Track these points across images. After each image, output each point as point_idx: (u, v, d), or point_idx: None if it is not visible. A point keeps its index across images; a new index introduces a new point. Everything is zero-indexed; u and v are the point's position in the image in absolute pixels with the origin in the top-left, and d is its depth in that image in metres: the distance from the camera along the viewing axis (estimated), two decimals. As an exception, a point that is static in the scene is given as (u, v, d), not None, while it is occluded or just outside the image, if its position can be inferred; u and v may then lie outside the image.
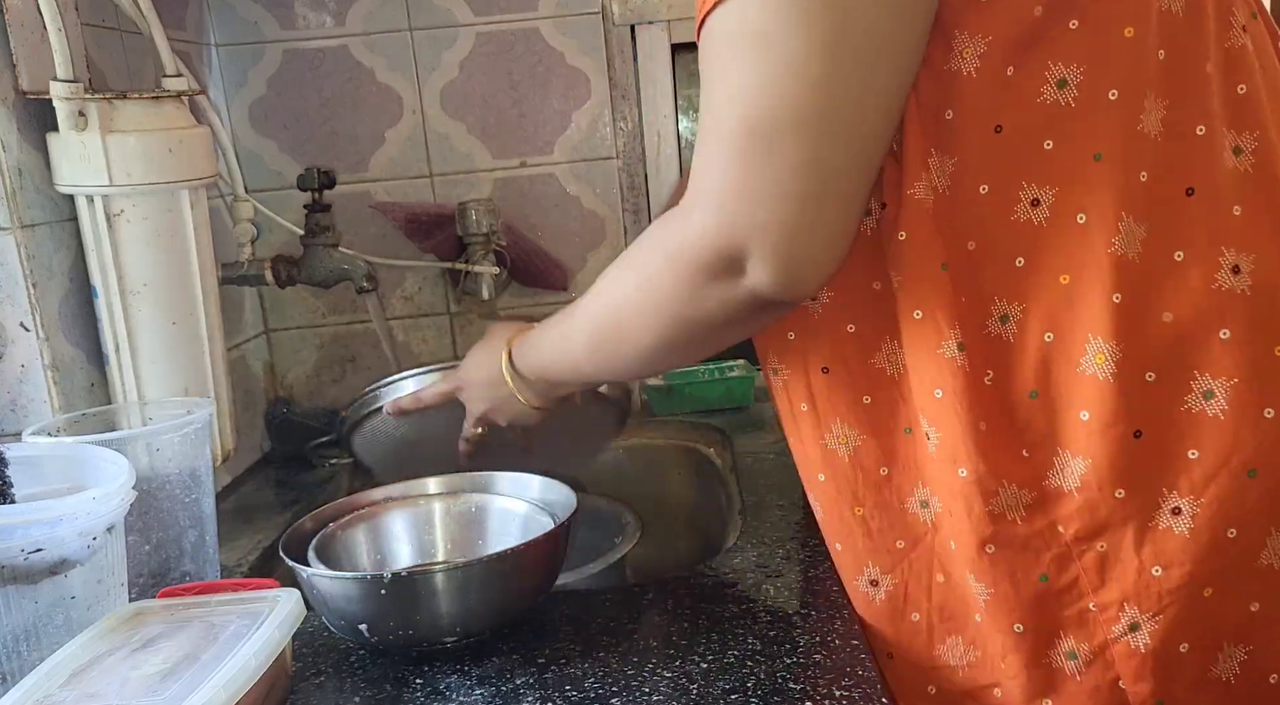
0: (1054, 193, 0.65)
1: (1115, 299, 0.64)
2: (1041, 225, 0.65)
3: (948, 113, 0.65)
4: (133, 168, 0.89)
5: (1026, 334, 0.66)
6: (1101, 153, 0.64)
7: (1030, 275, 0.66)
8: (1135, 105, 0.64)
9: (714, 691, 0.68)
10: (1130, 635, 0.68)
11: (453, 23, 1.32)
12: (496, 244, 1.32)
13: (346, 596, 0.76)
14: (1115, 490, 0.66)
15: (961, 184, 0.66)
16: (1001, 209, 0.66)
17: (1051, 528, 0.68)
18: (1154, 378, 0.65)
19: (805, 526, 0.95)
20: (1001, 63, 0.64)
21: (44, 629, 0.68)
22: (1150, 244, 0.64)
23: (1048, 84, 0.64)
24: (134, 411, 0.93)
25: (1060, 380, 0.66)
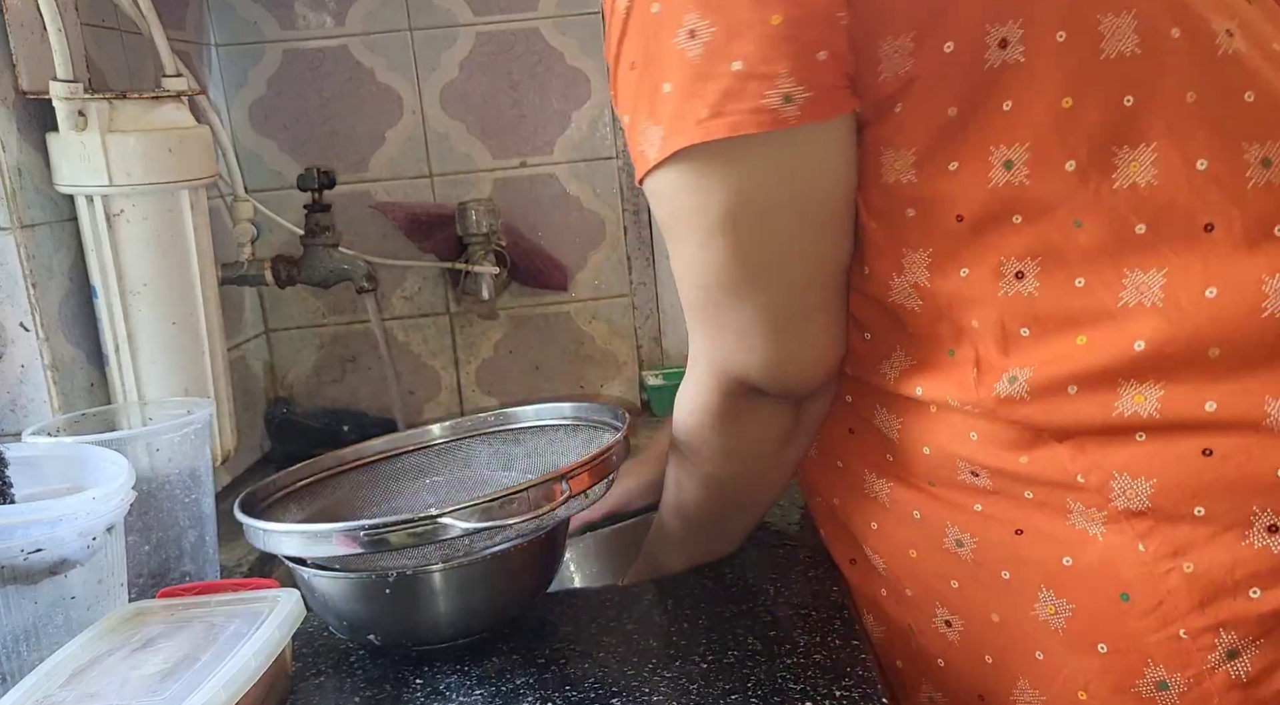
0: (1038, 263, 0.65)
1: (1138, 347, 0.63)
2: (1034, 295, 0.65)
3: (908, 211, 0.67)
4: (133, 168, 0.89)
5: (1048, 394, 0.65)
6: (1080, 220, 0.63)
7: (1038, 344, 0.65)
8: (1104, 167, 0.63)
9: (714, 691, 0.68)
10: (1229, 663, 0.63)
11: (453, 23, 1.32)
12: (496, 244, 1.32)
13: (346, 596, 0.76)
14: (1193, 508, 0.63)
15: (943, 274, 0.67)
16: (989, 289, 0.66)
17: (1130, 546, 0.65)
18: (1214, 407, 0.62)
19: (805, 526, 0.95)
20: (941, 162, 0.65)
21: (44, 629, 0.68)
22: (1172, 288, 0.62)
23: (994, 168, 0.64)
24: (134, 411, 0.93)
25: (1096, 431, 0.65)
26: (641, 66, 0.64)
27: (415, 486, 0.95)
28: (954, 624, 0.74)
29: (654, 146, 0.65)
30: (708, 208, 0.66)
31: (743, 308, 0.69)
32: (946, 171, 0.65)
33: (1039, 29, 0.62)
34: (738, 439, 0.78)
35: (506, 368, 1.41)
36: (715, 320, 0.71)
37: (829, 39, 0.62)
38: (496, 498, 0.71)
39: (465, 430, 0.97)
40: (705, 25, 0.61)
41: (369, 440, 0.96)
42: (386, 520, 0.71)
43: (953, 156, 0.65)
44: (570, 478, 0.74)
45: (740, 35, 0.61)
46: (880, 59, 0.64)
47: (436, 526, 0.70)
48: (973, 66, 0.63)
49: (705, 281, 0.69)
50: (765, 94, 0.61)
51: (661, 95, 0.63)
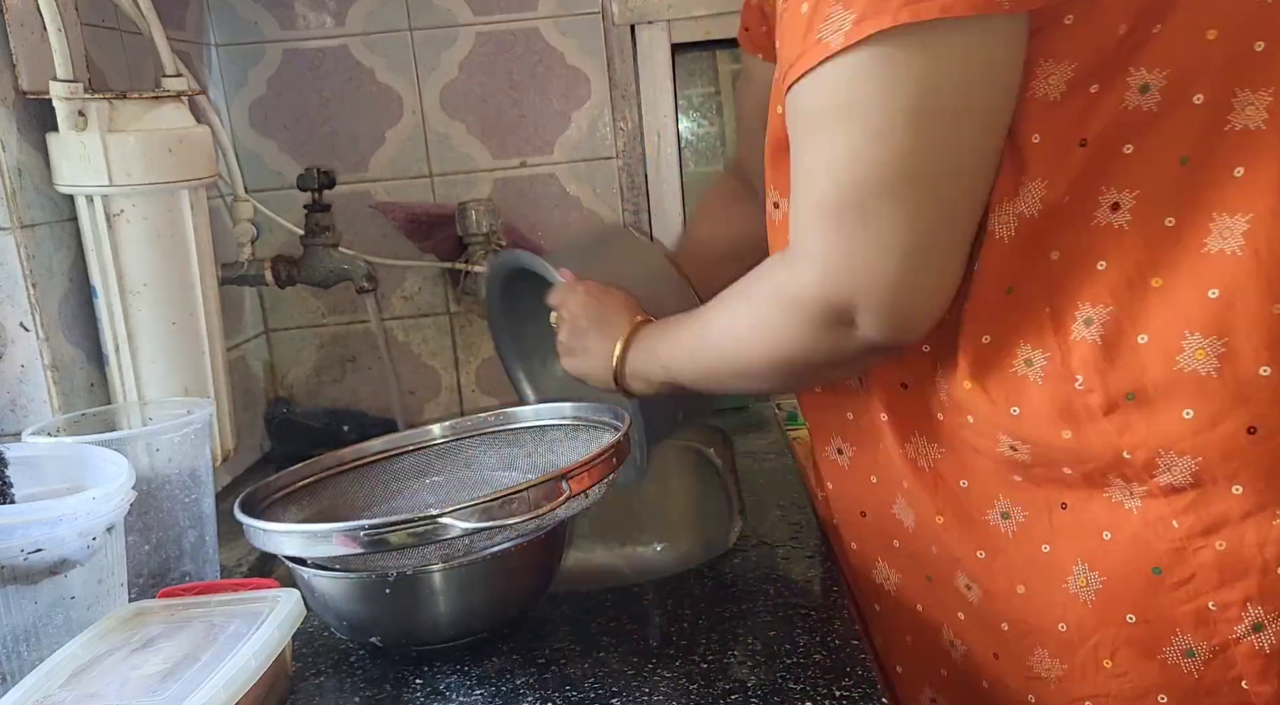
0: (1135, 196, 0.65)
1: (1212, 294, 0.63)
2: (1124, 228, 0.65)
3: (1035, 137, 0.66)
4: (133, 168, 0.89)
5: (1116, 336, 0.65)
6: (1188, 157, 0.64)
7: (1117, 277, 0.65)
8: (1224, 106, 0.63)
9: (714, 691, 0.68)
10: (1254, 636, 0.66)
11: (453, 23, 1.32)
12: (496, 244, 1.32)
13: (346, 596, 0.76)
14: (1231, 486, 0.65)
15: (1049, 203, 0.66)
16: (1083, 216, 0.66)
17: (1164, 522, 0.67)
18: (1269, 372, 0.63)
19: (805, 526, 0.95)
20: (1088, 82, 0.64)
21: (44, 629, 0.68)
22: (1252, 235, 0.62)
23: (1130, 90, 0.64)
24: (134, 411, 0.93)
25: (1157, 380, 0.65)
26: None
27: (415, 486, 0.95)
28: (973, 588, 0.76)
29: (841, 31, 0.60)
30: (892, 97, 0.61)
31: (893, 214, 0.63)
32: (1087, 93, 0.65)
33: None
34: (796, 348, 0.72)
35: (506, 368, 1.41)
36: (852, 226, 0.64)
37: None
38: (496, 498, 0.71)
39: (465, 430, 0.97)
40: None
41: (369, 440, 0.96)
42: (386, 520, 0.71)
43: (1097, 79, 0.64)
44: (570, 478, 0.74)
45: None
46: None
47: (436, 526, 0.70)
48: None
49: (861, 177, 0.63)
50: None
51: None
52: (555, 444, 0.94)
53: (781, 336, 0.72)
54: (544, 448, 0.95)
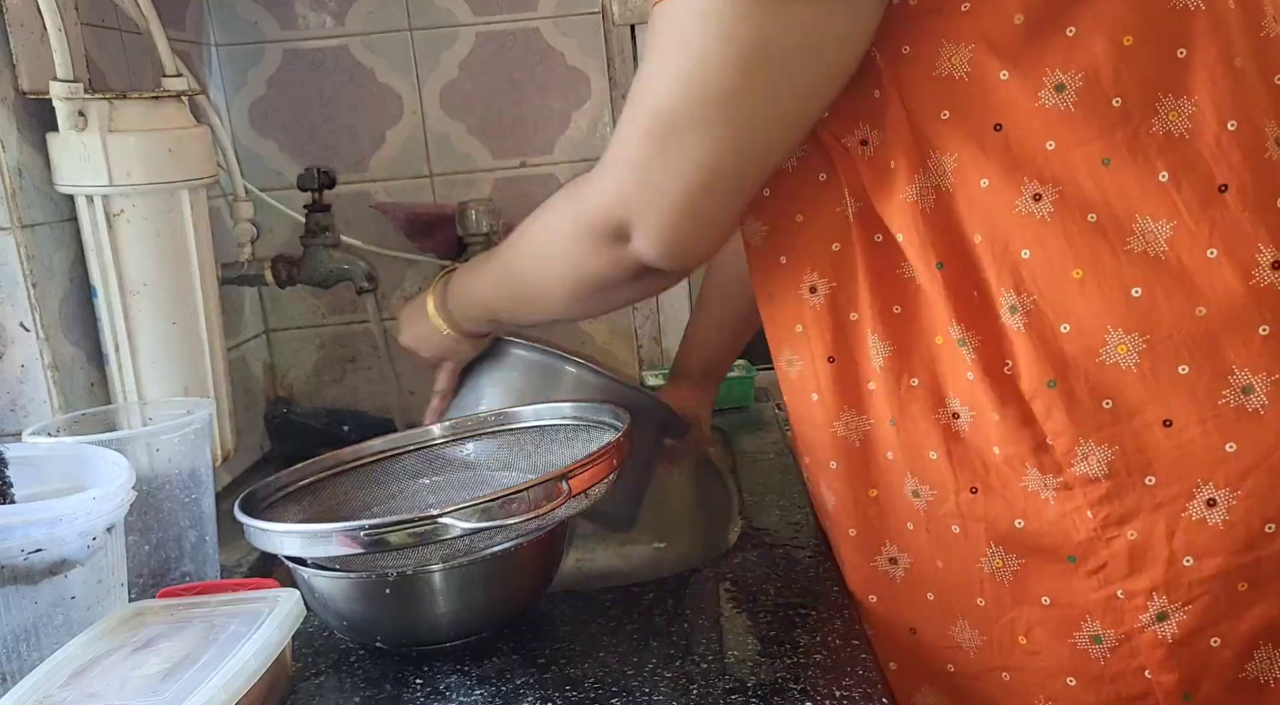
0: (1057, 191, 0.66)
1: (1134, 293, 0.65)
2: (1045, 219, 0.66)
3: (943, 113, 0.67)
4: (133, 168, 0.89)
5: (1040, 325, 0.67)
6: (1110, 158, 0.65)
7: (1039, 268, 0.67)
8: (1146, 110, 0.65)
9: (714, 691, 0.68)
10: (1158, 625, 0.68)
11: (453, 23, 1.32)
12: (497, 244, 1.32)
13: (346, 596, 0.76)
14: (1145, 478, 0.66)
15: (964, 180, 0.67)
16: (1004, 203, 0.67)
17: (1079, 512, 0.68)
18: (1186, 370, 0.65)
19: (805, 526, 0.95)
20: (995, 67, 0.66)
21: (44, 629, 0.68)
22: (1176, 242, 0.65)
23: (1044, 90, 0.65)
24: (134, 411, 0.93)
25: (1079, 370, 0.66)
26: None
27: (415, 486, 0.95)
28: (899, 562, 0.78)
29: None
30: (727, 42, 0.64)
31: (697, 143, 0.67)
32: (997, 78, 0.66)
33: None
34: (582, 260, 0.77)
35: (506, 368, 1.41)
36: (659, 143, 0.67)
37: None
38: (496, 498, 0.71)
39: (465, 430, 0.97)
40: None
41: (369, 440, 0.96)
42: (386, 520, 0.71)
43: (1007, 66, 0.66)
44: (570, 477, 0.74)
45: None
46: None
47: (436, 526, 0.70)
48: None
49: (680, 101, 0.66)
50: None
51: None
52: (555, 444, 0.94)
53: (572, 249, 0.77)
54: (544, 448, 0.95)
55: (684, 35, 0.65)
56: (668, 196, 0.69)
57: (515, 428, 0.96)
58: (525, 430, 0.96)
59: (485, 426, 0.97)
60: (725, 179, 0.69)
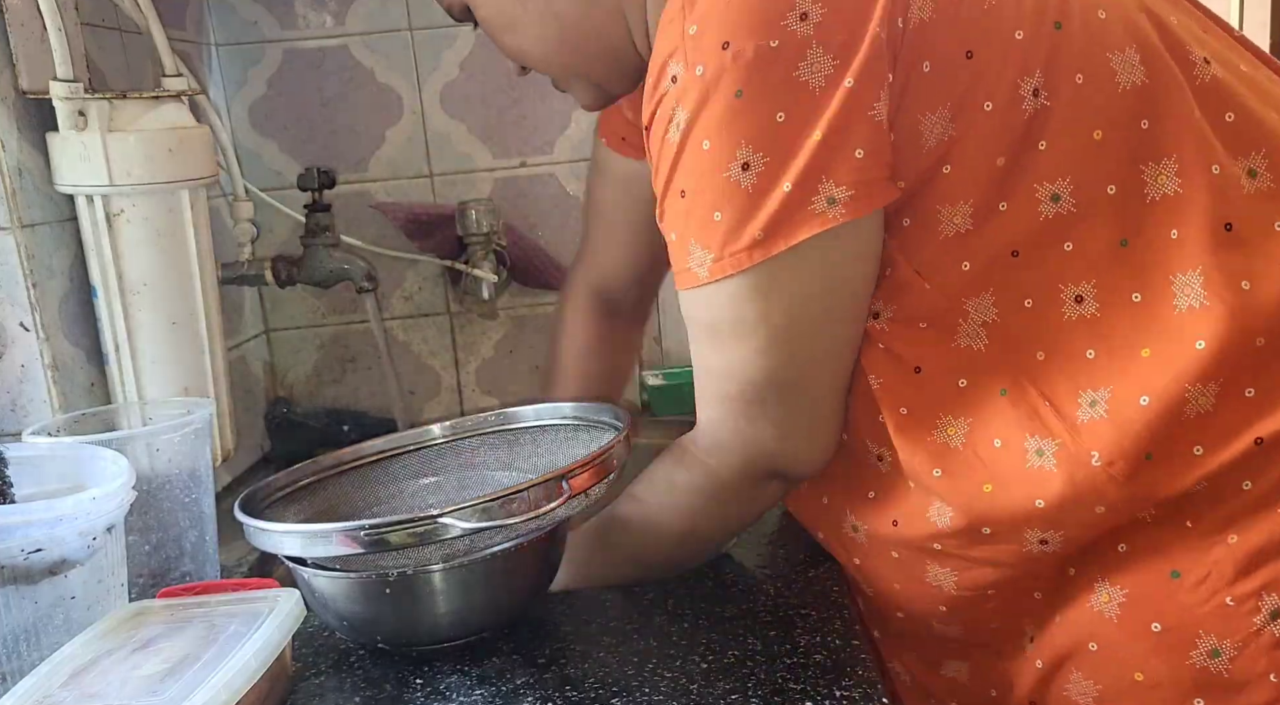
0: (1094, 284, 0.69)
1: (1199, 347, 0.66)
2: (1095, 316, 0.69)
3: (964, 265, 0.71)
4: (133, 167, 0.89)
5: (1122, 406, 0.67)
6: (1126, 239, 0.68)
7: (1103, 359, 0.68)
8: (1137, 185, 0.68)
9: (714, 691, 0.68)
10: (1273, 624, 0.67)
11: (453, 22, 1.32)
12: (496, 244, 1.32)
13: (346, 596, 0.76)
14: (1243, 483, 0.67)
15: (1004, 306, 0.70)
16: (1054, 313, 0.69)
17: (1179, 525, 0.69)
18: (1252, 393, 0.67)
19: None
20: (992, 205, 0.69)
21: (44, 629, 0.68)
22: (1209, 282, 0.67)
23: (1042, 203, 0.69)
24: (134, 411, 0.93)
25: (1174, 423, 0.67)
26: (692, 194, 0.69)
27: (415, 486, 0.95)
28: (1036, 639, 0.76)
29: (704, 268, 0.69)
30: (766, 317, 0.70)
31: (792, 403, 0.74)
32: (998, 212, 0.69)
33: (1059, 75, 0.68)
34: (739, 512, 0.83)
35: (506, 368, 1.41)
36: (759, 415, 0.74)
37: (866, 136, 0.66)
38: (496, 498, 0.71)
39: (465, 430, 0.97)
40: (759, 157, 0.66)
41: (369, 440, 0.96)
42: (387, 520, 0.71)
43: (1002, 198, 0.69)
44: (570, 477, 0.74)
45: (791, 158, 0.65)
46: (922, 132, 0.68)
47: (437, 526, 0.70)
48: (1011, 118, 0.68)
49: (757, 380, 0.73)
50: (811, 201, 0.66)
51: (713, 223, 0.68)
52: (555, 444, 0.94)
53: (728, 512, 0.83)
54: (544, 448, 0.95)
55: (727, 321, 0.71)
56: (791, 443, 0.76)
57: (515, 428, 0.96)
58: (525, 430, 0.96)
59: (485, 426, 0.97)
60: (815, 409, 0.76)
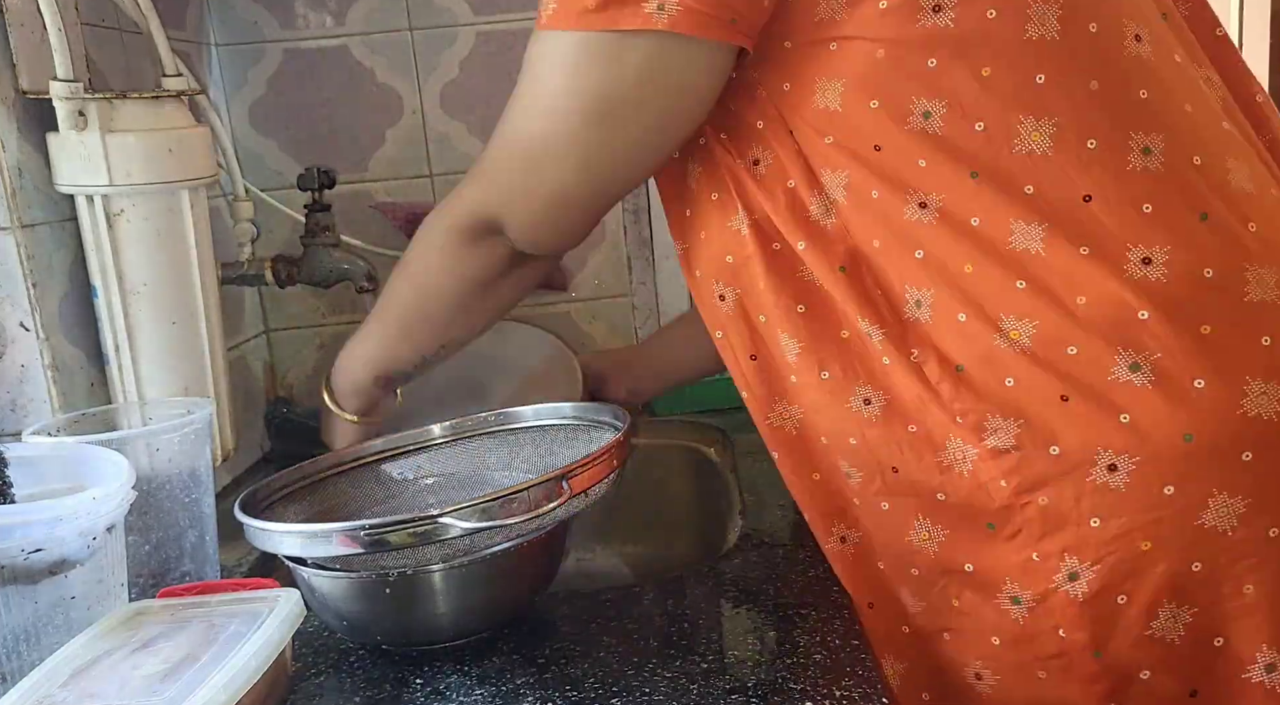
0: (940, 199, 0.72)
1: (1019, 286, 0.71)
2: (933, 224, 0.72)
3: (826, 138, 0.75)
4: (133, 168, 0.89)
5: (941, 316, 0.73)
6: (977, 172, 0.71)
7: (933, 266, 0.73)
8: (1007, 132, 0.71)
9: (714, 691, 0.68)
10: (1069, 584, 0.72)
11: (453, 23, 1.32)
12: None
13: (346, 596, 0.76)
14: (1049, 447, 0.71)
15: (857, 193, 0.74)
16: (895, 211, 0.73)
17: (994, 482, 0.73)
18: (1075, 351, 0.70)
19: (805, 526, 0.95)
20: (864, 98, 0.72)
21: (44, 629, 0.68)
22: (1050, 241, 0.70)
23: (913, 115, 0.72)
24: (134, 411, 0.93)
25: (979, 353, 0.72)
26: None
27: (415, 486, 0.95)
28: (848, 538, 0.83)
29: (547, 12, 0.73)
30: (572, 90, 0.74)
31: (556, 173, 0.78)
32: (868, 108, 0.72)
33: (973, 2, 0.70)
34: (458, 262, 0.88)
35: (506, 368, 1.41)
36: (522, 167, 0.79)
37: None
38: (496, 497, 0.71)
39: (465, 430, 0.97)
40: None
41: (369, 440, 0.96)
42: (386, 520, 0.71)
43: (875, 96, 0.72)
44: (570, 477, 0.74)
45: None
46: (817, 5, 0.72)
47: (436, 526, 0.70)
48: (904, 24, 0.71)
49: (537, 134, 0.77)
50: (644, 2, 0.70)
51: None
52: (555, 444, 0.94)
53: (447, 255, 0.88)
54: (544, 448, 0.95)
55: (542, 76, 0.76)
56: (527, 207, 0.82)
57: (515, 427, 0.96)
58: (525, 430, 0.96)
59: (485, 427, 0.97)
60: (575, 201, 0.81)
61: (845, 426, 0.78)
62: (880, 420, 0.77)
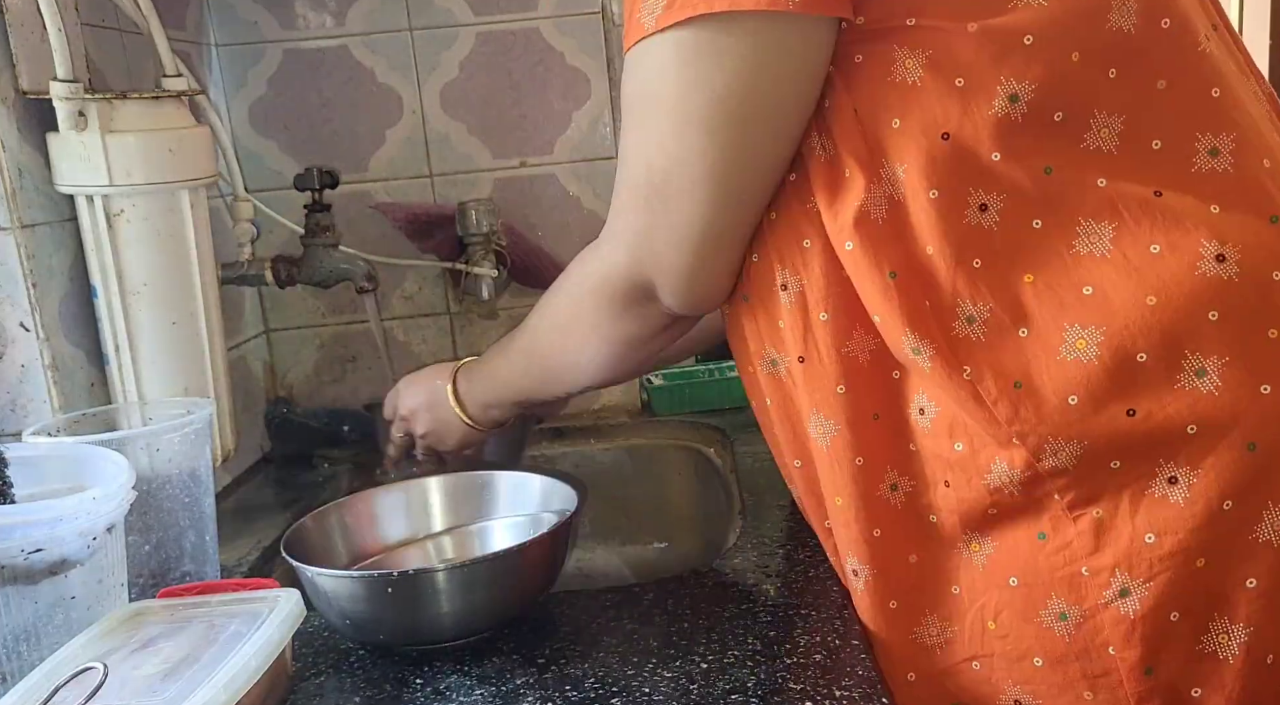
0: (1002, 200, 0.68)
1: (1086, 291, 0.67)
2: (993, 229, 0.68)
3: (894, 122, 0.69)
4: (133, 168, 0.89)
5: (998, 331, 0.69)
6: (1051, 168, 0.68)
7: (992, 276, 0.69)
8: (1081, 124, 0.68)
9: (714, 691, 0.68)
10: (1120, 601, 0.69)
11: (453, 23, 1.32)
12: (496, 244, 1.32)
13: (351, 596, 0.76)
14: (1110, 462, 0.68)
15: (915, 191, 0.69)
16: (954, 214, 0.68)
17: (1048, 496, 0.70)
18: (1144, 358, 0.66)
19: (805, 526, 0.95)
20: (949, 73, 0.67)
21: (44, 629, 0.68)
22: (1120, 241, 0.67)
23: (997, 98, 0.67)
24: (134, 411, 0.93)
25: (1042, 369, 0.68)
26: None
27: None
28: (860, 573, 0.76)
29: (652, 16, 0.67)
30: (688, 99, 0.68)
31: (689, 206, 0.71)
32: (952, 85, 0.67)
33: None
34: (611, 327, 0.82)
35: (506, 368, 1.41)
36: (655, 211, 0.73)
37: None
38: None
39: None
40: None
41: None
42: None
43: (960, 74, 0.67)
44: None
45: None
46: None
47: None
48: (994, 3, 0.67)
49: (663, 167, 0.71)
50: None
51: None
52: None
53: (600, 318, 0.82)
54: None
55: (651, 95, 0.70)
56: (677, 258, 0.74)
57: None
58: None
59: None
60: (722, 229, 0.73)
61: (898, 438, 0.74)
62: (931, 432, 0.73)
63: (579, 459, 1.34)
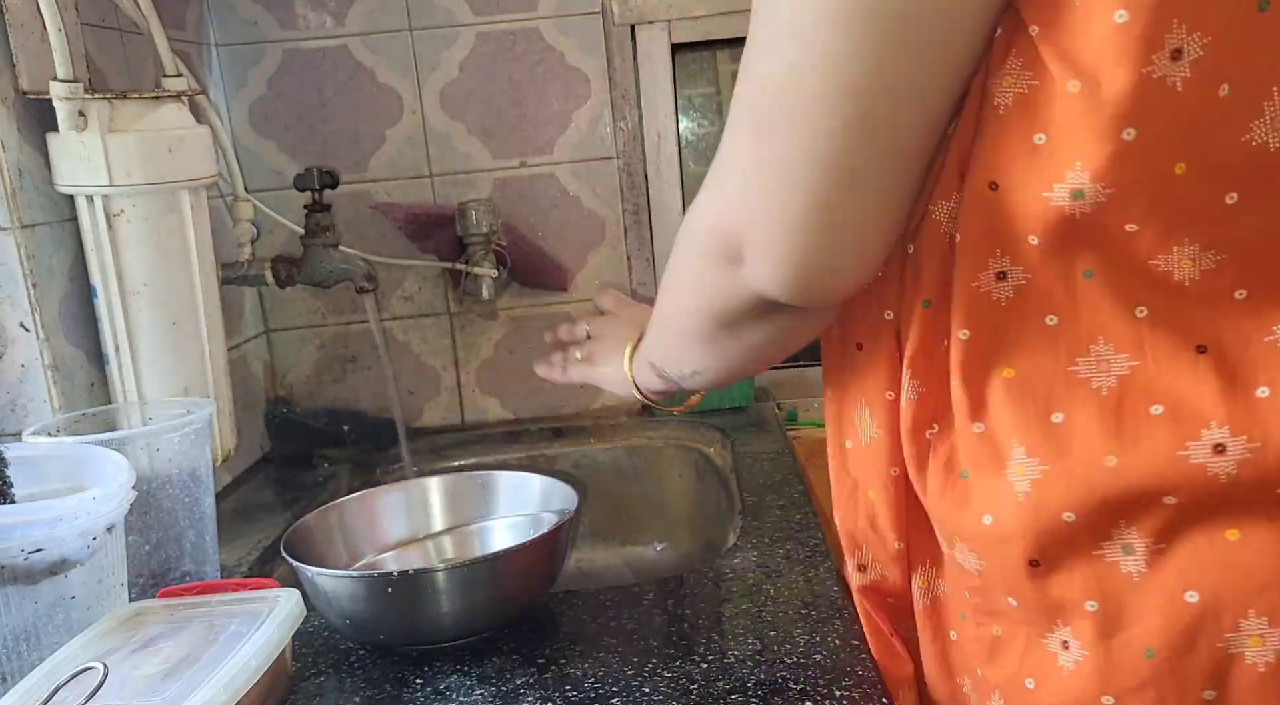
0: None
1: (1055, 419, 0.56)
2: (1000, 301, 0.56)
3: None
4: (133, 168, 0.89)
5: None
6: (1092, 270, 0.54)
7: None
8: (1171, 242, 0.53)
9: (714, 691, 0.68)
10: None
11: (453, 23, 1.32)
12: (496, 244, 1.32)
13: (351, 596, 0.76)
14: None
15: None
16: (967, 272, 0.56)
17: None
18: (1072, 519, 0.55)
19: (805, 527, 0.95)
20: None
21: (44, 629, 0.68)
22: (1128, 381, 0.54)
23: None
24: (134, 411, 0.93)
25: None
26: None
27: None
28: None
29: None
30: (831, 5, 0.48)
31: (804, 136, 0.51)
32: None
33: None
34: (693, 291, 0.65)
35: (506, 368, 1.41)
36: (763, 140, 0.53)
37: None
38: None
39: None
40: None
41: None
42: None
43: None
44: None
45: None
46: None
47: None
48: None
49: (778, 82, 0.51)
50: None
51: None
52: None
53: (690, 272, 0.63)
54: None
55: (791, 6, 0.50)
56: (780, 203, 0.53)
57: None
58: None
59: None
60: (857, 175, 0.52)
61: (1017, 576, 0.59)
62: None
63: (578, 459, 1.34)
